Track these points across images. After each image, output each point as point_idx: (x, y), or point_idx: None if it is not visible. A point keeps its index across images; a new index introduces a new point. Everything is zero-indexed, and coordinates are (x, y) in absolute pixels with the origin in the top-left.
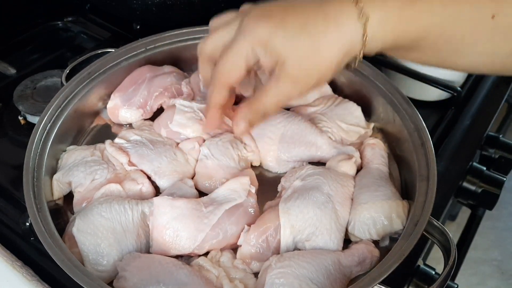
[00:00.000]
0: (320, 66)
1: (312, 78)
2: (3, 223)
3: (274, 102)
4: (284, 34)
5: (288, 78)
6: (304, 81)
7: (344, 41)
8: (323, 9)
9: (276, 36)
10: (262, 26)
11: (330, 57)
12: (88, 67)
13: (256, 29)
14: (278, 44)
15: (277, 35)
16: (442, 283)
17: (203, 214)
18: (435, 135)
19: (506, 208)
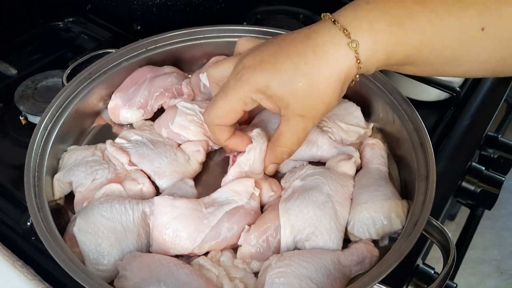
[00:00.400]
0: (323, 99)
1: (319, 110)
2: (4, 223)
3: (294, 142)
4: (280, 79)
5: (298, 117)
6: (312, 115)
7: (338, 71)
8: (312, 43)
9: (273, 83)
10: (258, 75)
11: (330, 89)
12: (89, 68)
13: (253, 78)
14: (277, 91)
15: (273, 81)
16: (441, 283)
17: (203, 215)
18: (435, 135)
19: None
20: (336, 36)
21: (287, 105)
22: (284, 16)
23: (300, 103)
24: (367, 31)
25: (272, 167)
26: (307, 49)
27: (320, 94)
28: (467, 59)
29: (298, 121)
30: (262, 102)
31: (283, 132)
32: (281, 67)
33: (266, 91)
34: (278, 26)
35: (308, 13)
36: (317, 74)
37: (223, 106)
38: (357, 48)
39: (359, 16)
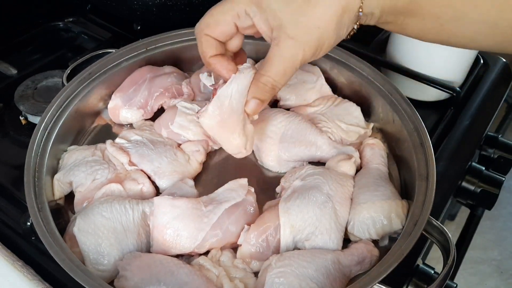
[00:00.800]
0: (319, 22)
1: (312, 35)
2: (4, 223)
3: (280, 71)
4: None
5: (288, 39)
6: (305, 40)
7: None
8: None
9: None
10: None
11: (328, 12)
12: (89, 68)
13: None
14: (272, 3)
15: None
16: (441, 283)
17: (203, 213)
18: (435, 135)
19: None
20: None
21: (279, 25)
22: None
23: (294, 21)
24: None
25: (253, 103)
26: None
27: (316, 16)
28: (475, 17)
29: (288, 45)
30: (255, 18)
31: (270, 57)
32: None
33: (260, 4)
34: None
35: None
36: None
37: (215, 13)
38: None
39: None
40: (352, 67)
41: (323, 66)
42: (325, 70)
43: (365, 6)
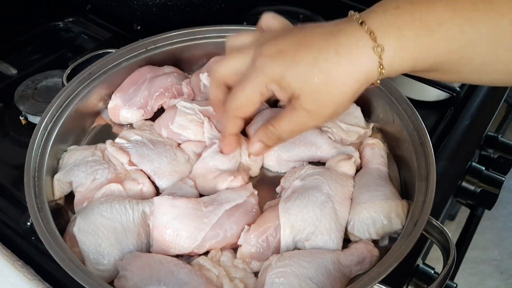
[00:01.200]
0: (335, 98)
1: (327, 109)
2: (4, 223)
3: (288, 130)
4: (296, 71)
5: (303, 111)
6: (319, 113)
7: (358, 73)
8: (335, 41)
9: (288, 74)
10: (275, 65)
11: (345, 90)
12: (89, 68)
13: (270, 68)
14: (291, 81)
15: (289, 72)
16: (441, 283)
17: (203, 214)
18: (435, 135)
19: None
20: (362, 38)
21: (298, 96)
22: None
23: (310, 97)
24: (394, 37)
25: (258, 146)
26: (329, 46)
27: (333, 93)
28: (496, 68)
29: (301, 114)
30: (276, 92)
31: (283, 115)
32: (300, 60)
33: (281, 82)
34: None
35: (308, 13)
36: (335, 72)
37: (242, 96)
38: (381, 53)
39: (387, 20)
40: None
41: None
42: None
43: (384, 76)
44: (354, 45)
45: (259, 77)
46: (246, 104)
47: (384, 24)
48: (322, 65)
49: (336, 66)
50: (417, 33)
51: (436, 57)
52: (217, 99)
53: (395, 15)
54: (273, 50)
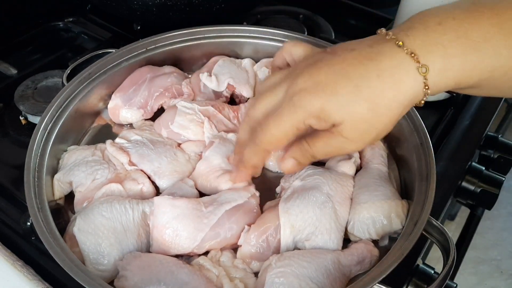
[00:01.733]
0: (379, 125)
1: (369, 136)
2: (4, 223)
3: (322, 152)
4: (338, 102)
5: (343, 138)
6: (360, 140)
7: (403, 96)
8: (375, 65)
9: (329, 106)
10: (314, 99)
11: (390, 115)
12: (88, 68)
13: (309, 102)
14: (333, 113)
15: (330, 104)
16: (441, 283)
17: (203, 214)
18: (435, 135)
19: (505, 208)
20: (404, 61)
21: (339, 125)
22: (284, 16)
23: (352, 126)
24: (439, 56)
25: (290, 163)
26: (370, 72)
27: (377, 119)
28: None
29: (340, 141)
30: (313, 125)
31: (320, 136)
32: (341, 90)
33: (320, 115)
34: (278, 26)
35: (308, 13)
36: (379, 98)
37: (277, 132)
38: (426, 73)
39: (430, 38)
40: None
41: None
42: None
43: (429, 95)
44: (397, 69)
45: (298, 113)
46: (280, 139)
47: (427, 42)
48: (365, 93)
49: (380, 92)
50: (463, 51)
51: (481, 74)
52: (244, 138)
53: (438, 32)
54: (310, 83)
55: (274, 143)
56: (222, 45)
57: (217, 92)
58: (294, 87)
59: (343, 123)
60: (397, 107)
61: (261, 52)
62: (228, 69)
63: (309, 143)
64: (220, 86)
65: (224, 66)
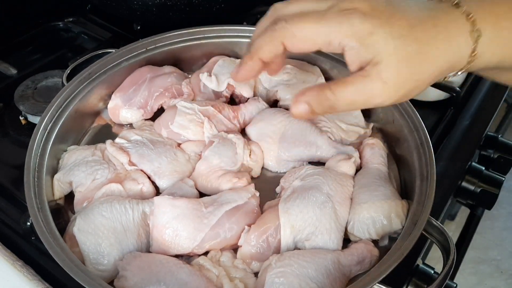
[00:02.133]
0: (419, 76)
1: (405, 85)
2: (4, 223)
3: (348, 99)
4: (390, 32)
5: (379, 81)
6: (395, 87)
7: (451, 54)
8: (432, 16)
9: (379, 33)
10: (366, 21)
11: (433, 68)
12: (88, 68)
13: (358, 22)
14: (380, 41)
15: (380, 31)
16: (441, 283)
17: (203, 214)
18: (434, 135)
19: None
20: (459, 20)
21: (378, 62)
22: None
23: (395, 65)
24: (491, 25)
25: (302, 108)
26: (427, 18)
27: (421, 67)
28: None
29: (374, 85)
30: (348, 51)
31: (347, 82)
32: (396, 22)
33: (365, 39)
34: None
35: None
36: (430, 46)
37: (307, 29)
38: (478, 39)
39: (484, 6)
40: None
41: (323, 66)
42: (325, 70)
43: (469, 67)
44: (453, 24)
45: (342, 26)
46: (306, 38)
47: (481, 9)
48: (418, 34)
49: (432, 40)
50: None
51: None
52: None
53: (493, 3)
54: (366, 5)
55: (297, 38)
56: (222, 45)
57: (217, 92)
58: (348, 3)
59: (384, 59)
60: (442, 63)
61: None
62: (228, 69)
63: (333, 89)
64: (220, 86)
65: (224, 66)
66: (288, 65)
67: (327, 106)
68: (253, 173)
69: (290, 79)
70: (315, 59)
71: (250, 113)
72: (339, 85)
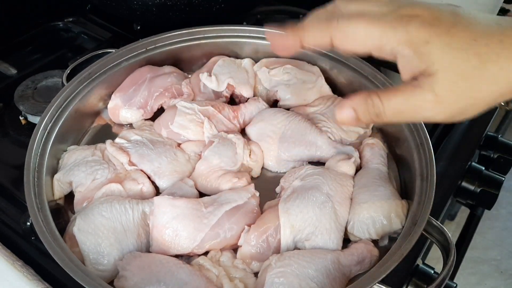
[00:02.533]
0: (476, 94)
1: (458, 103)
2: (4, 223)
3: (396, 110)
4: (449, 42)
5: (431, 94)
6: (447, 103)
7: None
8: (500, 32)
9: (436, 42)
10: (423, 29)
11: (492, 88)
12: (88, 68)
13: (415, 29)
14: (436, 51)
15: (438, 41)
16: (441, 283)
17: (203, 214)
18: (434, 135)
19: (504, 208)
20: None
21: (432, 74)
22: (284, 16)
23: (449, 80)
24: None
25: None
26: (493, 33)
27: (478, 85)
28: None
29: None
30: (400, 58)
31: (397, 91)
32: (457, 33)
33: (419, 48)
34: None
35: (308, 13)
36: (492, 62)
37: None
38: None
39: None
40: (351, 67)
41: (323, 66)
42: (325, 70)
43: None
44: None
45: (397, 30)
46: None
47: None
48: (481, 49)
49: (495, 57)
50: None
51: None
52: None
53: None
54: (427, 14)
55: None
56: (222, 45)
57: (217, 92)
58: (409, 10)
59: (440, 71)
60: (503, 84)
61: (261, 52)
62: (228, 69)
63: (382, 98)
64: (220, 86)
65: (224, 66)
66: (288, 65)
67: (373, 114)
68: (253, 173)
69: (290, 79)
70: (315, 59)
71: (250, 113)
72: (388, 93)
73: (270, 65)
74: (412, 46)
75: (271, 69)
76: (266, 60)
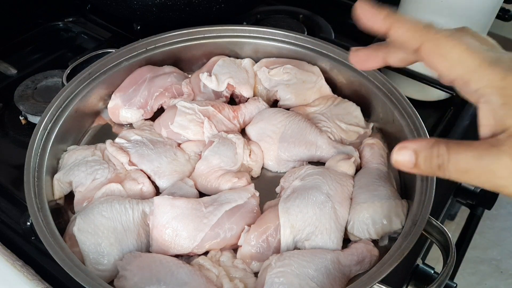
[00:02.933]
0: None
1: None
2: (4, 223)
3: (463, 167)
4: None
5: (509, 157)
6: None
7: None
8: None
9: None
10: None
11: None
12: (88, 67)
13: None
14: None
15: None
16: (441, 283)
17: (203, 214)
18: (434, 135)
19: (505, 208)
20: None
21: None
22: (284, 16)
23: None
24: None
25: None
26: None
27: None
28: None
29: (502, 161)
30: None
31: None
32: None
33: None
34: (278, 26)
35: (308, 13)
36: None
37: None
38: None
39: None
40: (351, 67)
41: (323, 66)
42: (325, 70)
43: None
44: None
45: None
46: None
47: None
48: None
49: None
50: None
51: None
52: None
53: None
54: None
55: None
56: (222, 45)
57: (217, 92)
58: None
59: None
60: None
61: (261, 52)
62: (228, 69)
63: (450, 149)
64: (220, 86)
65: (224, 66)
66: (288, 65)
67: (435, 164)
68: (253, 173)
69: (290, 79)
70: (315, 59)
71: (250, 113)
72: (459, 146)
73: (270, 65)
74: (503, 94)
75: (271, 69)
76: (266, 60)
